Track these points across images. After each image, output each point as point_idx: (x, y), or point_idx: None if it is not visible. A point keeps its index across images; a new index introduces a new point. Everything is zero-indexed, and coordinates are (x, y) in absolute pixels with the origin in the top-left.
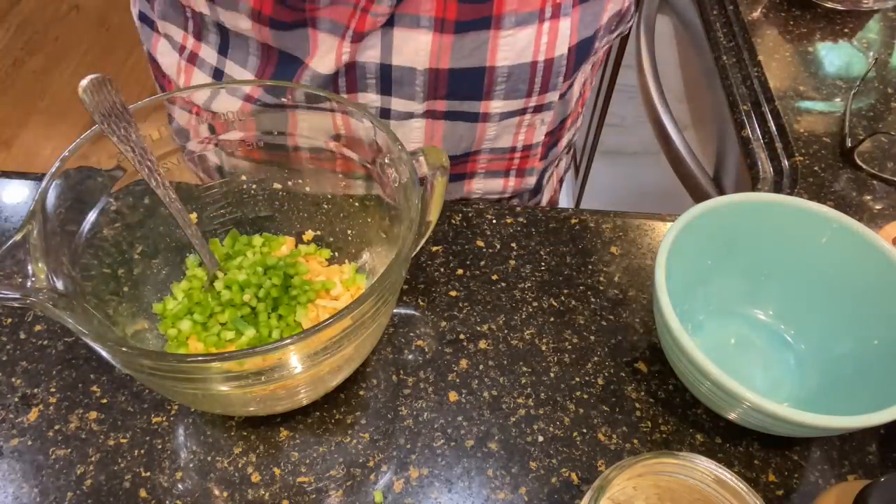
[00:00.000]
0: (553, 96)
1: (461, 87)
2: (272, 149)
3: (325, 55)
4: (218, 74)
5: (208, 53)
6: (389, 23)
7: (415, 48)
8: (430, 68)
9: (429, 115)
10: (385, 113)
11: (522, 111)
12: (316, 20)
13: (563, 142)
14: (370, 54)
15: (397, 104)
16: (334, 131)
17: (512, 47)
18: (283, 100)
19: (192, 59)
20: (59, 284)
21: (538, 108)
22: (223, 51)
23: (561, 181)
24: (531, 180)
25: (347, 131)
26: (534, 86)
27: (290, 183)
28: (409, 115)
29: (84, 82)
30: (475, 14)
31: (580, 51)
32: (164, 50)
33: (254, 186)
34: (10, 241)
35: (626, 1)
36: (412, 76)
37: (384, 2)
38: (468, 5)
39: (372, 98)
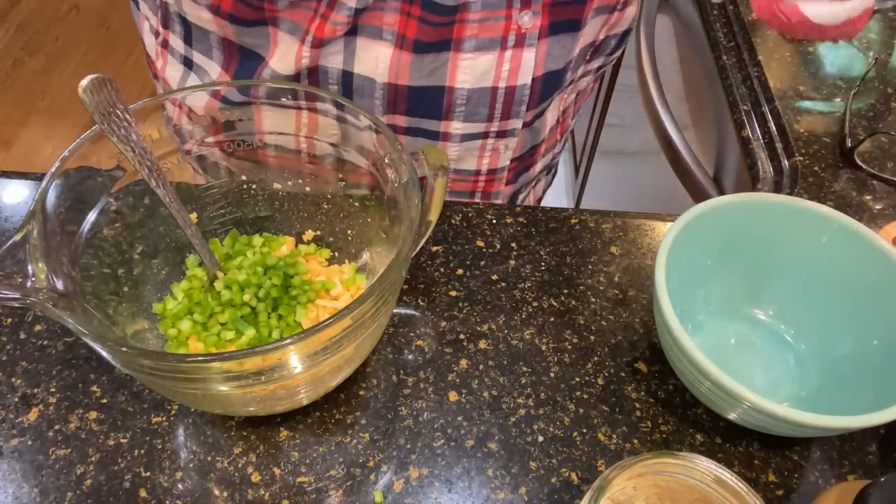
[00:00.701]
0: (516, 123)
1: (420, 104)
2: (272, 149)
3: (284, 56)
4: (188, 63)
5: (176, 42)
6: (354, 31)
7: (375, 59)
8: (388, 83)
9: (390, 129)
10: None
11: (484, 135)
12: (277, 20)
13: (538, 167)
14: (333, 59)
15: None
16: (334, 132)
17: (472, 71)
18: (250, 98)
19: (165, 45)
20: (59, 284)
21: (501, 134)
22: (188, 41)
23: (539, 200)
24: (497, 203)
25: (347, 132)
26: (494, 111)
27: (290, 183)
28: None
29: (84, 82)
30: (436, 36)
31: (548, 82)
32: (147, 31)
33: (254, 186)
34: (10, 241)
35: (599, 34)
36: (372, 88)
37: (342, 11)
38: (429, 27)
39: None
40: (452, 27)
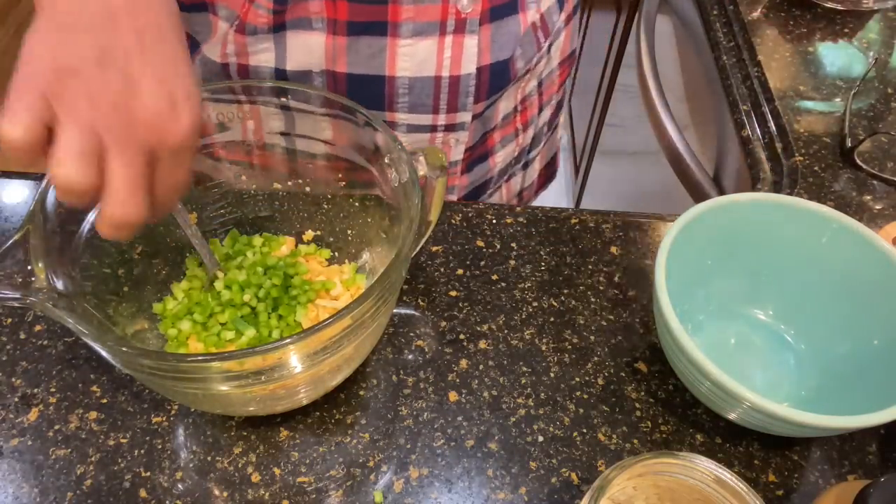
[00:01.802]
0: (465, 116)
1: (362, 94)
2: (272, 149)
3: (218, 42)
4: None
5: None
6: (282, 27)
7: (308, 49)
8: (326, 70)
9: None
10: None
11: (433, 128)
12: (215, 6)
13: (498, 159)
14: (265, 57)
15: None
16: (335, 132)
17: (411, 58)
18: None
19: None
20: (59, 284)
21: (450, 128)
22: None
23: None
24: (452, 198)
25: (347, 132)
26: (440, 102)
27: (289, 183)
28: None
29: None
30: (369, 16)
31: (496, 73)
32: None
33: (254, 186)
34: (10, 241)
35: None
36: (309, 80)
37: None
38: (360, 6)
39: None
40: (386, 7)
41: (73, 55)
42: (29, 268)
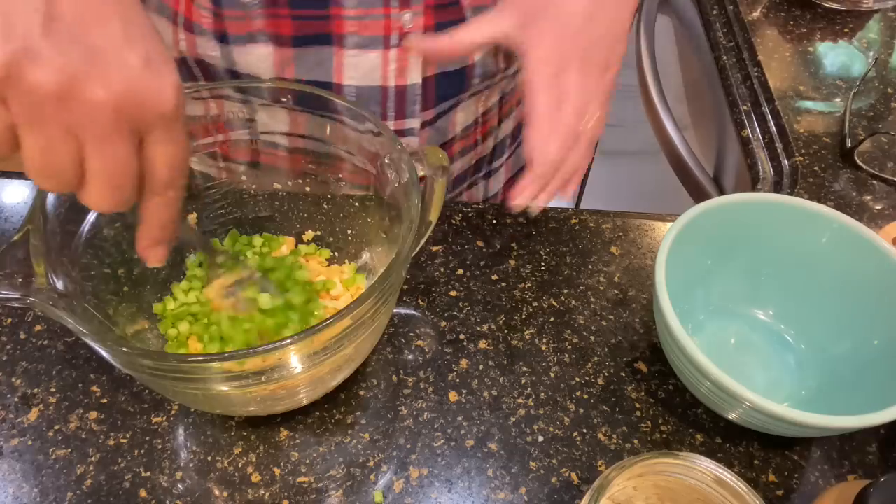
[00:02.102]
0: (413, 123)
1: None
2: (272, 148)
3: (168, 38)
4: None
5: None
6: (225, 38)
7: (256, 58)
8: (276, 78)
9: None
10: None
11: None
12: (146, 1)
13: (454, 167)
14: (213, 55)
15: None
16: (335, 132)
17: (357, 68)
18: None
19: None
20: (60, 284)
21: (398, 133)
22: None
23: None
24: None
25: (348, 132)
26: (387, 110)
27: (290, 183)
28: None
29: None
30: (313, 30)
31: (444, 83)
32: None
33: (254, 186)
34: (10, 242)
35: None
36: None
37: None
38: (303, 22)
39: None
40: (329, 21)
41: (14, 33)
42: (29, 268)
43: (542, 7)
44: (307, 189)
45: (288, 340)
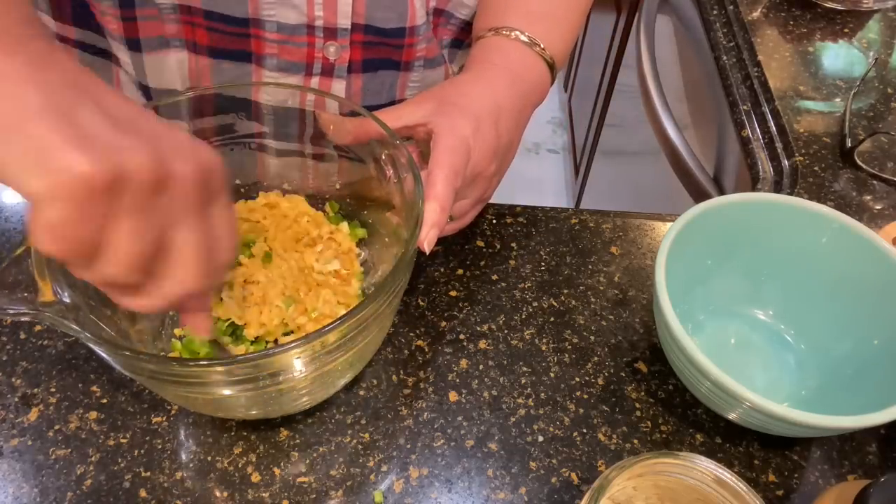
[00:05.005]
0: (332, 150)
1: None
2: (273, 147)
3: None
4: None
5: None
6: (137, 44)
7: (169, 67)
8: (192, 88)
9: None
10: None
11: (300, 153)
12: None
13: None
14: (126, 62)
15: None
16: (335, 132)
17: (275, 91)
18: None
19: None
20: (66, 296)
21: (318, 157)
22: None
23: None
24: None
25: (348, 132)
26: (304, 134)
27: (289, 183)
28: None
29: None
30: (231, 45)
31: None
32: None
33: (254, 185)
34: (13, 256)
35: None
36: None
37: None
38: (221, 35)
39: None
40: (248, 40)
41: (95, 139)
42: (35, 281)
43: (453, 101)
44: (307, 189)
45: (292, 345)
